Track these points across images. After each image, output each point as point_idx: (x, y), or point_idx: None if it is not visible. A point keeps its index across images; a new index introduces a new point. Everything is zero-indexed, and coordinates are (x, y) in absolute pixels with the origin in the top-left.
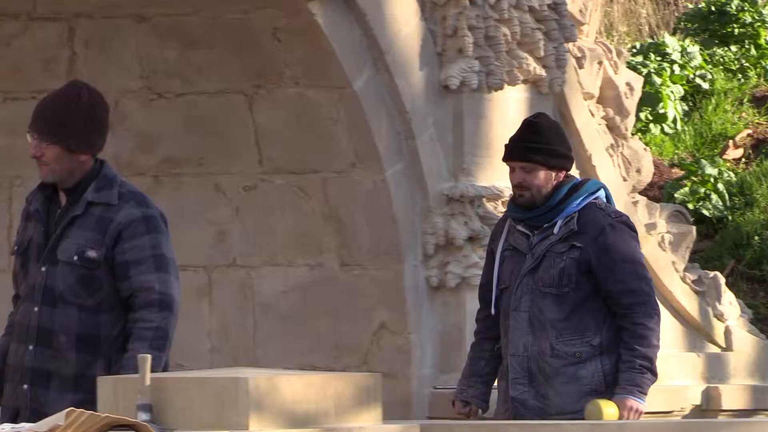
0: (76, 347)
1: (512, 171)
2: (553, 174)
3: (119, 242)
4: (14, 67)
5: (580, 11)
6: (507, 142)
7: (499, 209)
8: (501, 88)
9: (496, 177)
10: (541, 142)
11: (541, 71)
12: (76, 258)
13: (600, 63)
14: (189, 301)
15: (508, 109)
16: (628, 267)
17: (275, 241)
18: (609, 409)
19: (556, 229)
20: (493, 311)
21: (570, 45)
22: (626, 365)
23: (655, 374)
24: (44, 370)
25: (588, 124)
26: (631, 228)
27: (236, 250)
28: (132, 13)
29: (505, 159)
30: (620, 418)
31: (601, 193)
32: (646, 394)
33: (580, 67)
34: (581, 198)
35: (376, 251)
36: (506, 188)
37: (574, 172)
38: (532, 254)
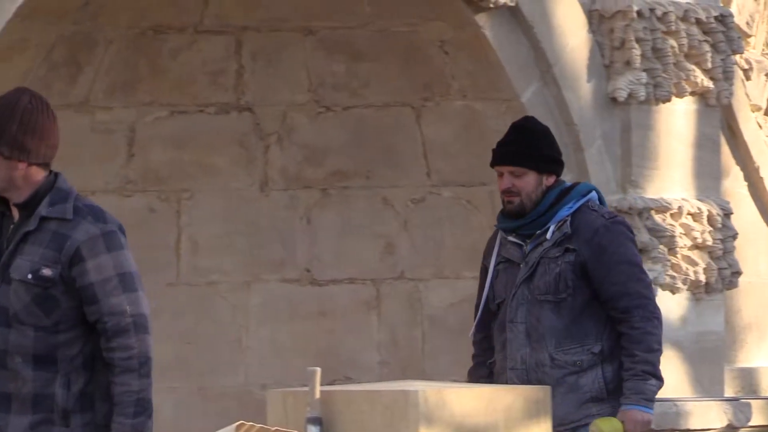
0: (32, 367)
1: (500, 177)
2: (543, 178)
3: (79, 262)
4: (181, 81)
5: (747, 23)
6: (495, 147)
7: (667, 221)
8: (668, 100)
9: (665, 189)
10: (531, 146)
11: (708, 83)
12: (30, 276)
13: (767, 75)
14: (357, 314)
15: (675, 121)
16: (625, 268)
17: (443, 254)
18: (611, 426)
19: (548, 235)
20: (471, 332)
21: (737, 57)
22: (628, 373)
23: (659, 379)
24: (2, 392)
25: (756, 136)
26: (628, 229)
27: (404, 263)
28: (299, 26)
29: (494, 164)
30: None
31: (593, 196)
32: (652, 401)
33: (748, 79)
34: (573, 201)
35: None
36: (674, 200)
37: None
38: (525, 263)
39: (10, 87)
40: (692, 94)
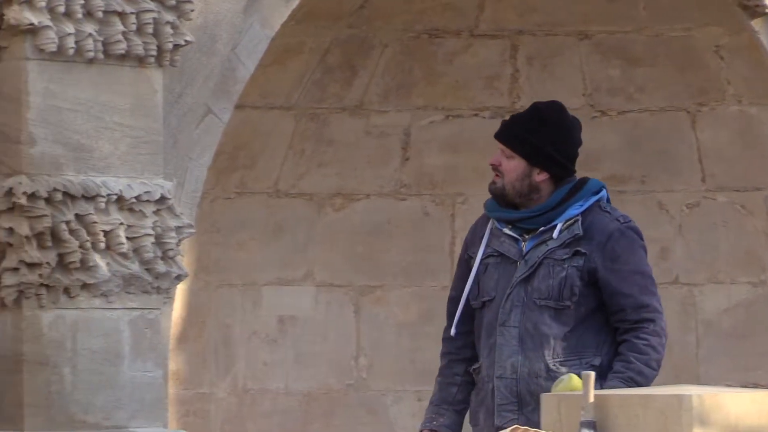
0: None
1: (498, 151)
2: (534, 172)
3: None
4: (456, 85)
5: None
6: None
7: None
8: None
9: None
10: (531, 131)
11: None
12: None
13: None
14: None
15: None
16: (638, 279)
17: (718, 259)
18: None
19: (555, 233)
20: (453, 332)
21: None
22: (615, 374)
23: None
24: None
25: None
26: (639, 235)
27: (679, 268)
28: (575, 30)
29: (495, 135)
30: None
31: (604, 194)
32: None
33: None
34: (583, 199)
35: None
36: None
37: None
38: (525, 261)
39: (286, 90)
40: None
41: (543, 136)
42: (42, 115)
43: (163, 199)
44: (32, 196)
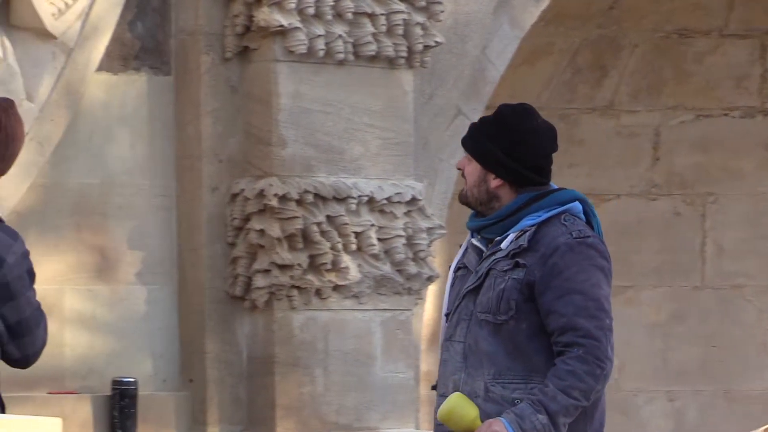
0: None
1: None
2: (490, 177)
3: None
4: (706, 85)
5: None
6: None
7: None
8: None
9: None
10: (484, 134)
11: None
12: None
13: None
14: None
15: None
16: (577, 300)
17: None
18: (471, 409)
19: (504, 244)
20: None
21: None
22: (528, 396)
23: (554, 428)
24: None
25: None
26: (599, 253)
27: None
28: None
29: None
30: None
31: (574, 207)
32: None
33: None
34: (544, 210)
35: None
36: None
37: None
38: (476, 272)
39: (535, 91)
40: None
41: (497, 140)
42: (292, 117)
43: (414, 201)
44: (283, 198)
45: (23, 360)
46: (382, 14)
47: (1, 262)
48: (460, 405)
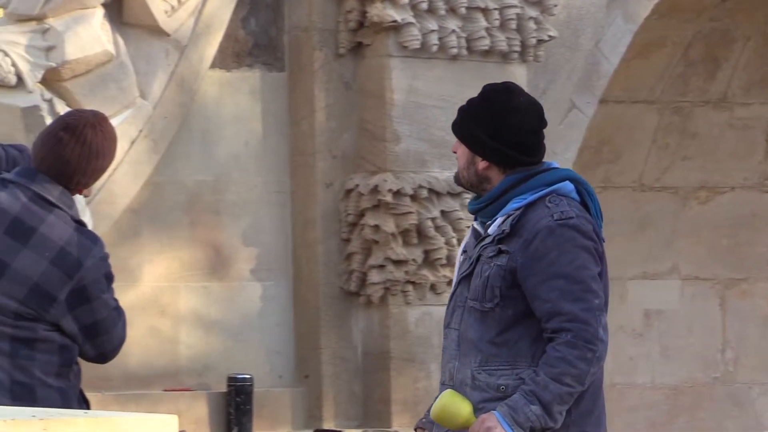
0: None
1: None
2: (477, 159)
3: None
4: None
5: None
6: None
7: None
8: None
9: None
10: (468, 114)
11: None
12: None
13: None
14: None
15: None
16: (560, 284)
17: None
18: (464, 406)
19: (491, 229)
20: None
21: None
22: (521, 387)
23: (549, 416)
24: None
25: None
26: (583, 234)
27: None
28: None
29: None
30: (470, 427)
31: (563, 187)
32: (520, 426)
33: None
34: (531, 192)
35: None
36: None
37: None
38: (469, 258)
39: (649, 84)
40: None
41: (479, 121)
42: (406, 112)
43: None
44: (397, 194)
45: (99, 357)
46: (495, 9)
47: (79, 266)
48: (451, 403)
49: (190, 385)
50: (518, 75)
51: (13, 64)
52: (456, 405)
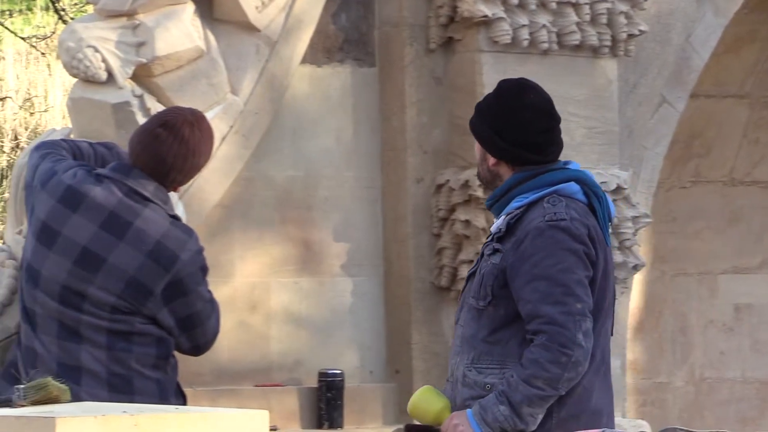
0: None
1: None
2: (488, 156)
3: None
4: None
5: None
6: None
7: None
8: None
9: None
10: (482, 113)
11: None
12: None
13: None
14: None
15: None
16: (541, 286)
17: None
18: (436, 402)
19: (493, 227)
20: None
21: None
22: (496, 387)
23: (519, 418)
24: None
25: None
26: (571, 236)
27: None
28: None
29: None
30: (442, 424)
31: (567, 188)
32: (489, 426)
33: None
34: (533, 191)
35: None
36: None
37: None
38: (479, 254)
39: (739, 79)
40: None
41: (489, 117)
42: None
43: (619, 189)
44: None
45: (194, 350)
46: (585, 3)
47: (175, 259)
48: (424, 399)
49: (281, 380)
50: (609, 70)
51: (104, 60)
52: (428, 401)
